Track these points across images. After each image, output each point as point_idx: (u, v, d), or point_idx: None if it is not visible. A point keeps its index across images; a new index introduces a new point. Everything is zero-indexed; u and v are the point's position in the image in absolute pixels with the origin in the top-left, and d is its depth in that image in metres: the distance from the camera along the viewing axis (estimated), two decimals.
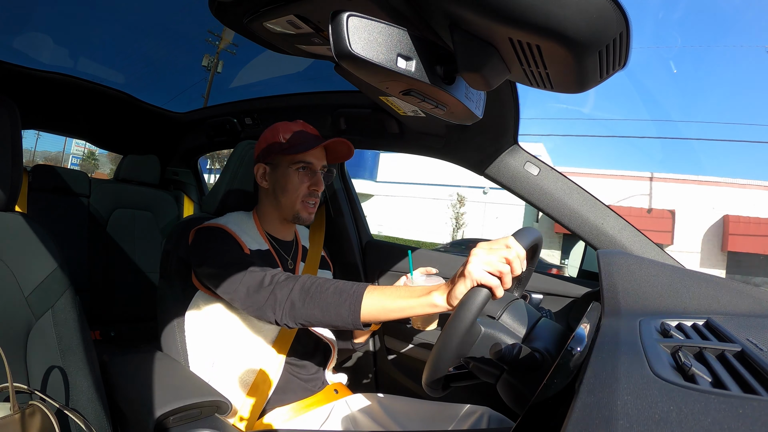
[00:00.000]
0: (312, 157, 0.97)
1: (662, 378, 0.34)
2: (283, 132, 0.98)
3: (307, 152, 0.96)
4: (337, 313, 0.74)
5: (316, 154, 0.98)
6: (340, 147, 1.00)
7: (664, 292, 0.65)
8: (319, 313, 0.75)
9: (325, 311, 0.75)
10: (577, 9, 0.37)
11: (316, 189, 0.98)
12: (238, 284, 0.82)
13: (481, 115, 0.61)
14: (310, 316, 0.76)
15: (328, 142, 0.96)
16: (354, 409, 1.01)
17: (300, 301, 0.76)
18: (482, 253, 0.67)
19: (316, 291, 0.76)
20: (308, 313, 0.76)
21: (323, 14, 0.62)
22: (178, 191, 2.28)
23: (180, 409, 0.75)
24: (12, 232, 0.76)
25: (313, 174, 0.98)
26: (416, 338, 1.29)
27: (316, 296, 0.76)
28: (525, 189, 1.10)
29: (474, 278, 0.65)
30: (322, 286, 0.77)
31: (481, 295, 0.63)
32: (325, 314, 0.75)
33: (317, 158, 0.99)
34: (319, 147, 0.98)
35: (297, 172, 0.96)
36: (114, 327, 1.87)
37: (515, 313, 0.74)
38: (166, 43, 1.74)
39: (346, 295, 0.74)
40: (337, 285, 0.76)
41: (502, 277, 0.65)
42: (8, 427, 0.58)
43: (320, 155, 1.00)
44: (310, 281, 0.78)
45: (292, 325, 0.78)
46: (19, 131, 0.79)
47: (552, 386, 0.48)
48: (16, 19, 1.53)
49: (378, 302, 0.73)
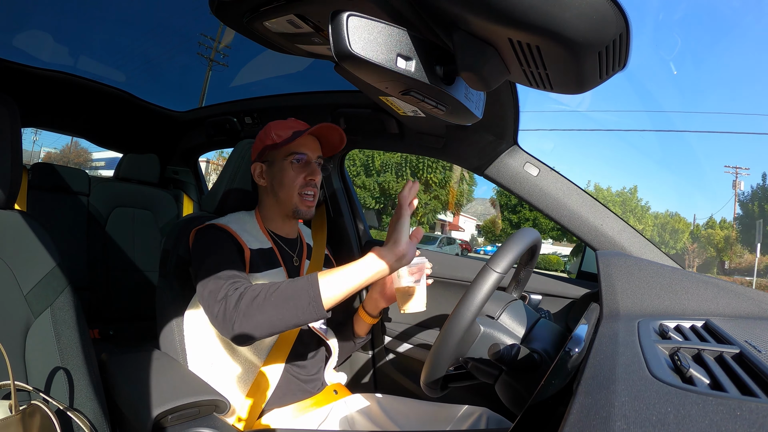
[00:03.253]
0: (305, 148, 0.98)
1: (660, 379, 0.34)
2: (275, 130, 0.99)
3: (299, 143, 0.97)
4: (296, 306, 0.72)
5: (308, 144, 0.99)
6: (331, 135, 1.00)
7: (663, 294, 0.65)
8: (275, 312, 0.73)
9: (281, 308, 0.73)
10: (577, 10, 0.37)
11: (313, 178, 0.98)
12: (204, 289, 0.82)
13: (481, 116, 0.61)
14: (268, 318, 0.73)
15: (316, 128, 0.96)
16: (353, 410, 1.01)
17: (252, 307, 0.74)
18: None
19: (267, 293, 0.75)
20: (264, 317, 0.73)
21: (323, 14, 0.62)
22: (177, 190, 2.28)
23: (178, 408, 0.75)
24: (11, 231, 0.76)
25: (307, 165, 0.99)
26: (415, 339, 1.29)
27: (269, 298, 0.74)
28: (524, 189, 1.11)
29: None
30: (270, 288, 0.75)
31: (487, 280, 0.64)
32: (282, 311, 0.73)
33: (310, 149, 0.99)
34: (311, 138, 0.99)
35: (291, 164, 0.97)
36: (113, 325, 1.87)
37: (514, 313, 0.74)
38: (166, 42, 1.74)
39: (300, 286, 0.74)
40: (287, 283, 0.76)
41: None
42: (9, 427, 0.58)
43: (313, 146, 1.00)
44: (258, 288, 0.77)
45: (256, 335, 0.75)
46: (18, 129, 0.79)
47: (550, 387, 0.48)
48: (16, 17, 1.53)
49: (332, 281, 0.74)
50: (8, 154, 0.77)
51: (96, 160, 17.71)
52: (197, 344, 0.95)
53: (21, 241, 0.76)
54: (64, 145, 20.13)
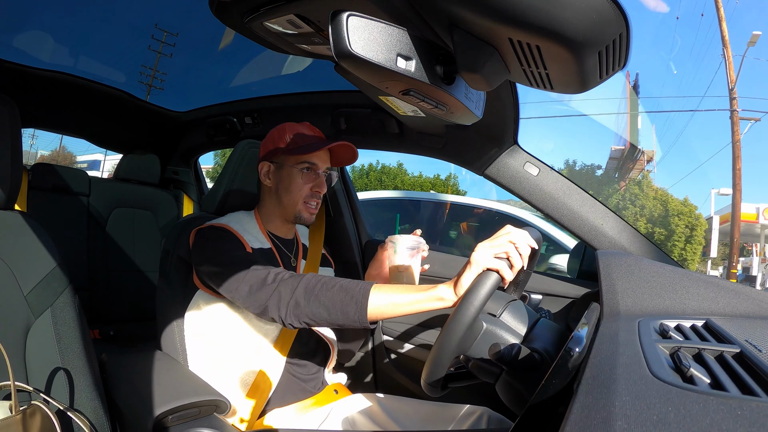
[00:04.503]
0: (317, 159, 0.99)
1: (661, 379, 0.34)
2: (290, 132, 0.99)
3: (313, 153, 0.97)
4: (344, 312, 0.73)
5: (320, 156, 1.00)
6: (344, 151, 1.01)
7: (663, 293, 0.65)
8: (325, 312, 0.75)
9: (330, 310, 0.74)
10: (577, 9, 0.37)
11: (319, 191, 0.99)
12: (241, 282, 0.81)
13: (481, 115, 0.61)
14: (315, 315, 0.75)
15: (334, 145, 0.98)
16: (353, 410, 1.01)
17: (305, 299, 0.75)
18: (486, 242, 0.70)
19: (321, 289, 0.75)
20: (313, 311, 0.75)
21: (323, 14, 0.62)
22: (177, 190, 2.28)
23: (179, 408, 0.75)
24: (11, 231, 0.76)
25: (316, 176, 0.99)
26: (416, 339, 1.29)
27: (321, 295, 0.75)
28: (524, 189, 1.10)
29: (481, 264, 0.67)
30: (326, 284, 0.76)
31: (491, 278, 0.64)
32: (330, 313, 0.74)
33: (321, 160, 1.00)
34: (323, 149, 1.00)
35: (301, 172, 0.97)
36: (113, 326, 1.87)
37: (515, 312, 0.74)
38: (165, 41, 1.74)
39: (352, 293, 0.74)
40: (342, 283, 0.76)
41: (509, 257, 0.68)
42: (10, 428, 0.58)
43: (324, 157, 1.01)
44: (314, 280, 0.77)
45: (296, 324, 0.77)
46: (18, 130, 0.79)
47: (551, 387, 0.48)
48: (16, 17, 1.53)
49: (385, 299, 0.73)
50: (8, 155, 0.77)
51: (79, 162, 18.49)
52: (198, 345, 0.95)
53: (21, 242, 0.76)
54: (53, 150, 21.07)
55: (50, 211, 1.80)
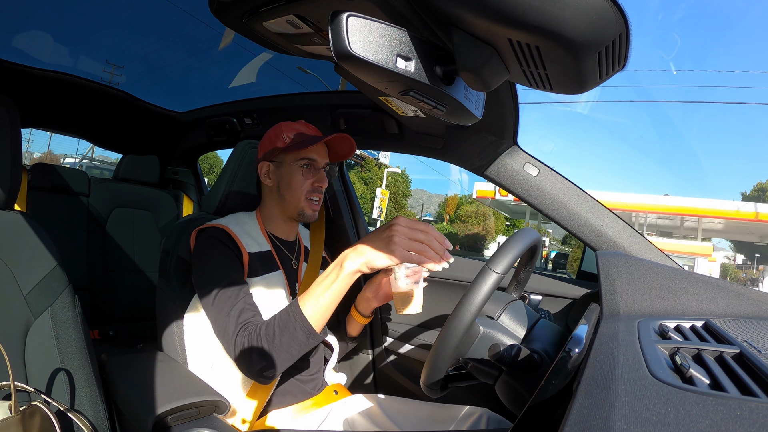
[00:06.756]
0: (315, 154, 0.99)
1: (660, 380, 0.34)
2: (286, 131, 0.99)
3: (311, 148, 0.98)
4: (299, 342, 0.79)
5: (318, 151, 1.00)
6: (342, 144, 1.02)
7: (663, 294, 0.65)
8: (287, 355, 0.79)
9: (290, 349, 0.79)
10: (577, 10, 0.37)
11: (320, 185, 1.00)
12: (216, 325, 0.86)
13: (481, 116, 0.61)
14: (285, 361, 0.80)
15: (330, 137, 0.98)
16: (353, 410, 1.01)
17: (268, 362, 0.79)
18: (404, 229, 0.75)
19: (270, 344, 0.79)
20: (281, 362, 0.80)
21: (323, 14, 0.62)
22: (177, 191, 2.28)
23: (178, 408, 0.75)
24: (11, 231, 0.76)
25: (316, 171, 1.00)
26: (416, 339, 1.29)
27: (274, 348, 0.79)
28: (524, 190, 1.10)
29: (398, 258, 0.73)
30: (268, 335, 0.79)
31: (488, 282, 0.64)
32: (292, 352, 0.80)
33: (320, 155, 1.00)
34: (321, 144, 1.00)
35: (301, 168, 0.98)
36: (113, 326, 1.87)
37: (514, 313, 0.74)
38: (166, 42, 1.75)
39: (291, 325, 0.78)
40: (278, 322, 0.80)
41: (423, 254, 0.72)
42: (9, 428, 0.58)
43: (323, 152, 1.01)
44: (258, 341, 0.80)
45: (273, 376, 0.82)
46: (18, 130, 0.79)
47: (550, 387, 0.48)
48: (16, 17, 1.53)
49: (316, 308, 0.79)
50: (8, 155, 0.77)
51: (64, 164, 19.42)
52: (197, 345, 0.95)
53: (21, 242, 0.76)
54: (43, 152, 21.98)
55: (50, 211, 1.80)
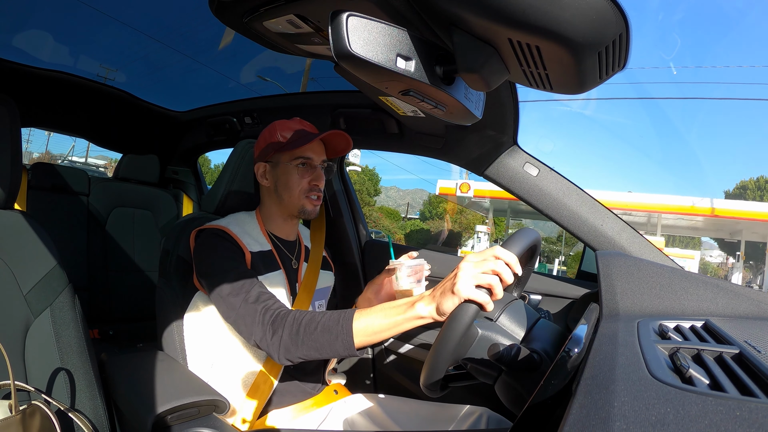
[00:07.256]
0: (311, 152, 0.98)
1: (659, 380, 0.34)
2: (281, 130, 0.98)
3: (306, 147, 0.97)
4: (333, 350, 0.75)
5: (314, 149, 0.99)
6: (338, 140, 1.01)
7: (663, 294, 0.65)
8: (316, 353, 0.77)
9: (321, 350, 0.76)
10: (577, 10, 0.37)
11: (317, 184, 0.99)
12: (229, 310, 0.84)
13: (481, 116, 0.61)
14: (307, 355, 0.77)
15: (325, 134, 0.97)
16: (353, 410, 1.01)
17: (293, 345, 0.77)
18: (470, 267, 0.66)
19: (305, 333, 0.76)
20: (304, 354, 0.77)
21: (323, 14, 0.62)
22: (177, 190, 2.28)
23: (178, 408, 0.75)
24: (11, 230, 0.76)
25: (313, 169, 0.99)
26: (416, 339, 1.29)
27: (307, 339, 0.76)
28: (524, 189, 1.10)
29: (462, 296, 0.64)
30: (308, 327, 0.77)
31: (470, 311, 0.62)
32: (321, 353, 0.76)
33: (316, 153, 0.99)
34: (317, 142, 0.99)
35: (297, 167, 0.97)
36: (113, 326, 1.87)
37: (514, 313, 0.74)
38: (166, 42, 1.74)
39: (336, 331, 0.75)
40: (324, 322, 0.76)
41: (492, 289, 0.64)
42: (9, 428, 0.58)
43: (319, 150, 1.00)
44: (296, 324, 0.77)
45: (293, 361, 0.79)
46: (18, 129, 0.79)
47: (550, 387, 0.48)
48: (16, 17, 1.53)
49: (367, 329, 0.74)
50: (8, 154, 0.77)
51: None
52: (197, 345, 0.95)
53: (21, 241, 0.76)
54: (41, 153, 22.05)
55: (50, 210, 1.80)
